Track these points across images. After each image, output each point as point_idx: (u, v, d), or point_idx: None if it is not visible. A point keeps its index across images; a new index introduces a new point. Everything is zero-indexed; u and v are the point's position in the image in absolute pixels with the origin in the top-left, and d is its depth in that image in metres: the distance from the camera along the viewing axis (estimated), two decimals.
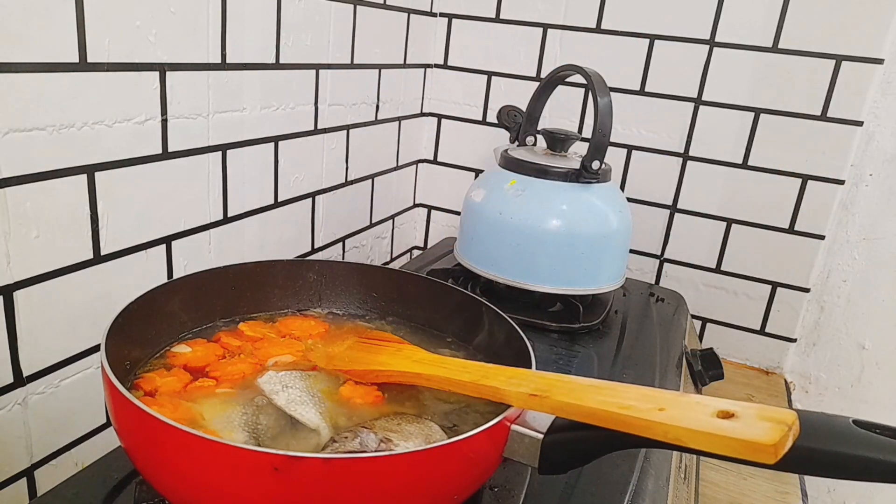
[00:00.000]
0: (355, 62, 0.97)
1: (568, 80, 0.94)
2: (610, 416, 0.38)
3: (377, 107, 1.06)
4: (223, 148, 0.75)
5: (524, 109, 0.95)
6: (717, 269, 1.12)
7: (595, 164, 0.82)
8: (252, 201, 0.82)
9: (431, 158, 1.27)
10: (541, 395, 0.42)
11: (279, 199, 0.87)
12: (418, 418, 0.50)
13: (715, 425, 0.35)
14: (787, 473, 0.84)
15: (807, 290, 1.08)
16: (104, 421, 0.68)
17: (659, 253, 1.16)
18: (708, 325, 1.16)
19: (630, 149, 1.13)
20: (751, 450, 0.33)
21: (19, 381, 0.58)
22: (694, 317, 1.12)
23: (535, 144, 0.96)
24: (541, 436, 0.44)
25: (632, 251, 1.11)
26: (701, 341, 1.16)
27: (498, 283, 0.87)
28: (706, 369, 0.89)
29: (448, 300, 0.64)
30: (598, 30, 1.09)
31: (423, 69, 1.19)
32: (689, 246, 1.13)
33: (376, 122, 1.07)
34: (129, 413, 0.40)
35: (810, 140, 1.02)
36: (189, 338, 0.58)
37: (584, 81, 0.93)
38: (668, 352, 0.85)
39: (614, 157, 1.13)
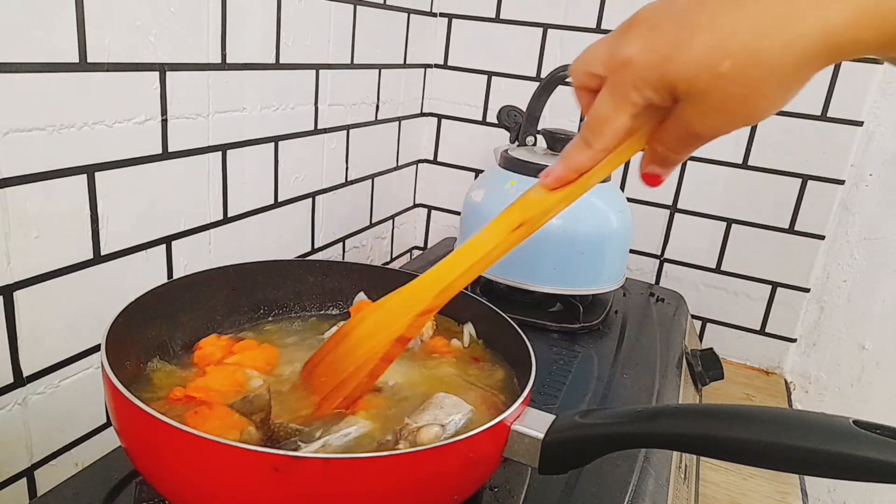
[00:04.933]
0: (355, 62, 0.97)
1: (568, 80, 0.94)
2: None
3: (377, 107, 1.06)
4: (223, 148, 0.75)
5: (524, 109, 0.95)
6: (717, 269, 1.12)
7: None
8: (252, 201, 0.82)
9: (431, 158, 1.27)
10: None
11: (279, 199, 0.87)
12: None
13: None
14: (787, 473, 0.84)
15: (807, 290, 1.08)
16: (104, 421, 0.68)
17: (659, 253, 1.16)
18: (708, 325, 1.16)
19: None
20: None
21: (19, 381, 0.58)
22: (694, 317, 1.12)
23: (535, 144, 0.95)
24: (541, 436, 0.44)
25: (632, 251, 1.11)
26: (701, 341, 1.16)
27: (498, 283, 0.87)
28: (706, 369, 0.89)
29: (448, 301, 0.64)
30: (598, 30, 1.09)
31: (423, 69, 1.19)
32: (689, 246, 1.13)
33: (376, 122, 1.07)
34: (129, 413, 0.40)
35: (810, 140, 1.02)
36: (189, 338, 0.58)
37: None
38: (668, 352, 0.85)
39: None
